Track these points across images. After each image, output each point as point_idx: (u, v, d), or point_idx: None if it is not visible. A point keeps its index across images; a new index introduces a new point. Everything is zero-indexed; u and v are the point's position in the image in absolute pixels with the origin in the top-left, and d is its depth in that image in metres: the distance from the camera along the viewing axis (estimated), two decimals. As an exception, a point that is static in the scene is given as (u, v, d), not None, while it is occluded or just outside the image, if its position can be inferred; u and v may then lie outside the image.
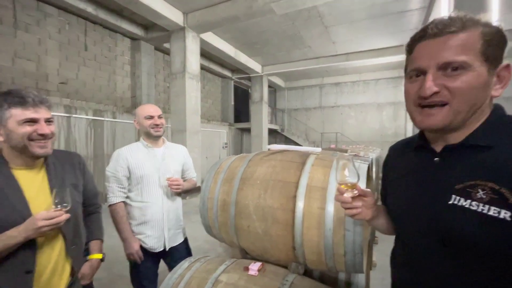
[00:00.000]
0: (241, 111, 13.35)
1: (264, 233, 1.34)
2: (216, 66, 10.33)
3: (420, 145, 0.68)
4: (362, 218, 0.76)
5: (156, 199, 1.58)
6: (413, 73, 0.60)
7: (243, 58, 9.29)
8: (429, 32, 0.57)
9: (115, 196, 1.55)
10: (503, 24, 0.57)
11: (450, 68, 0.55)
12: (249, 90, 13.47)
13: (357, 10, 6.23)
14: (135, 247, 1.53)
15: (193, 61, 6.60)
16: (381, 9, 6.22)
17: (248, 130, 12.14)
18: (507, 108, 0.62)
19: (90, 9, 5.66)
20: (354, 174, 0.73)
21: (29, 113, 0.94)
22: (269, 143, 12.06)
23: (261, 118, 11.00)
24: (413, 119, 0.63)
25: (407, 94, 0.63)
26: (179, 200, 1.74)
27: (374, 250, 2.95)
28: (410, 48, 0.63)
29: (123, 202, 1.58)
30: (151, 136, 1.61)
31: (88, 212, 1.31)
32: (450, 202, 0.57)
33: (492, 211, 0.51)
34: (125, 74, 7.32)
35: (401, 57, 8.52)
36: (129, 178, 1.57)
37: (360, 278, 1.53)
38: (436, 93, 0.56)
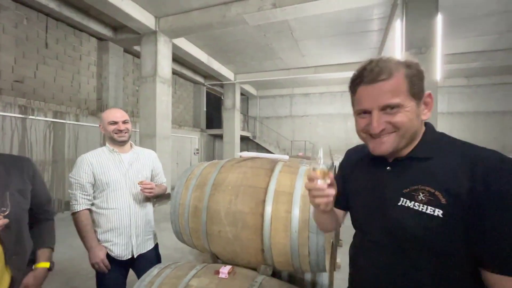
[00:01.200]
0: (214, 117, 13.31)
1: (234, 237, 1.40)
2: (189, 71, 10.22)
3: (375, 157, 0.81)
4: (324, 209, 0.76)
5: (123, 205, 1.55)
6: (361, 111, 0.74)
7: (215, 65, 9.33)
8: (364, 80, 0.70)
9: (78, 203, 1.50)
10: (446, 49, 0.71)
11: (388, 108, 0.68)
12: (222, 96, 13.50)
13: (324, 27, 6.67)
14: (101, 255, 1.48)
15: (165, 65, 6.47)
16: (345, 28, 6.73)
17: (220, 137, 12.11)
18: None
19: (52, 5, 5.32)
20: (328, 163, 0.78)
21: None
22: (241, 149, 12.15)
23: (234, 125, 11.07)
24: (366, 144, 0.78)
25: (358, 125, 0.76)
26: (149, 205, 1.72)
27: (338, 252, 3.14)
28: (353, 90, 0.75)
29: (88, 209, 1.53)
30: (116, 142, 1.58)
31: (38, 220, 1.24)
32: (399, 204, 0.69)
33: (429, 210, 0.63)
34: (90, 75, 6.94)
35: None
36: (94, 185, 1.53)
37: (324, 278, 1.65)
38: (382, 129, 0.70)
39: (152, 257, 1.66)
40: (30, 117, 4.93)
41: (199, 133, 11.22)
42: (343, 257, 3.06)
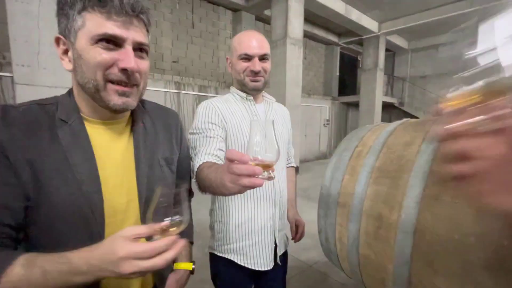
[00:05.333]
0: (347, 82, 11.60)
1: None
2: (320, 30, 9.04)
3: None
4: None
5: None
6: None
7: (354, 15, 7.63)
8: None
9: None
10: None
11: None
12: (359, 56, 11.45)
13: None
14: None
15: (296, 23, 5.78)
16: None
17: (355, 105, 10.41)
18: None
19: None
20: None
21: (110, 26, 0.51)
22: (383, 119, 9.97)
23: (374, 89, 9.06)
24: None
25: None
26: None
27: None
28: None
29: None
30: (246, 88, 0.99)
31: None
32: None
33: None
34: (227, 48, 7.25)
35: None
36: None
37: None
38: None
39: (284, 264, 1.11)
40: (183, 92, 5.60)
41: (330, 102, 10.04)
42: None
